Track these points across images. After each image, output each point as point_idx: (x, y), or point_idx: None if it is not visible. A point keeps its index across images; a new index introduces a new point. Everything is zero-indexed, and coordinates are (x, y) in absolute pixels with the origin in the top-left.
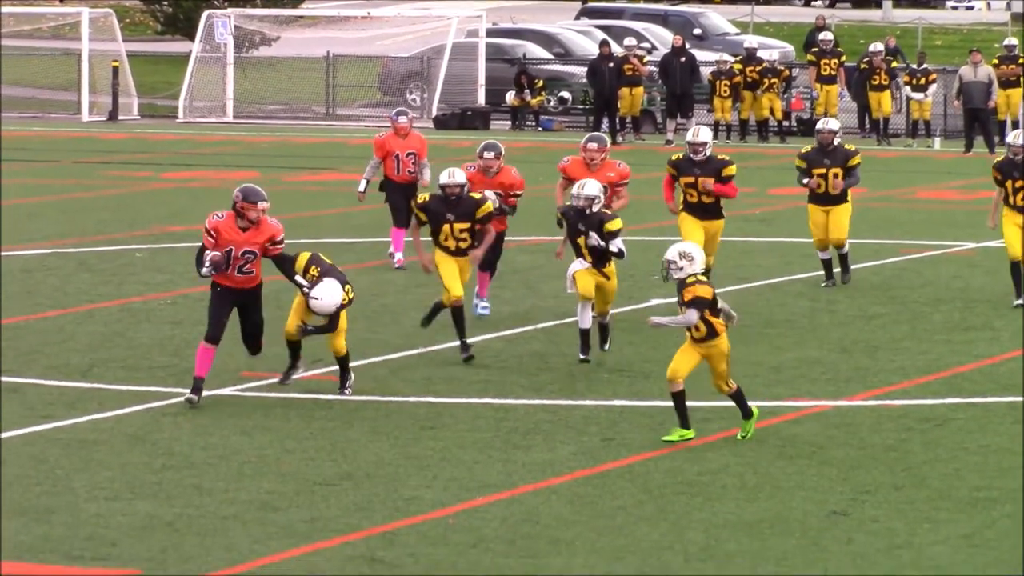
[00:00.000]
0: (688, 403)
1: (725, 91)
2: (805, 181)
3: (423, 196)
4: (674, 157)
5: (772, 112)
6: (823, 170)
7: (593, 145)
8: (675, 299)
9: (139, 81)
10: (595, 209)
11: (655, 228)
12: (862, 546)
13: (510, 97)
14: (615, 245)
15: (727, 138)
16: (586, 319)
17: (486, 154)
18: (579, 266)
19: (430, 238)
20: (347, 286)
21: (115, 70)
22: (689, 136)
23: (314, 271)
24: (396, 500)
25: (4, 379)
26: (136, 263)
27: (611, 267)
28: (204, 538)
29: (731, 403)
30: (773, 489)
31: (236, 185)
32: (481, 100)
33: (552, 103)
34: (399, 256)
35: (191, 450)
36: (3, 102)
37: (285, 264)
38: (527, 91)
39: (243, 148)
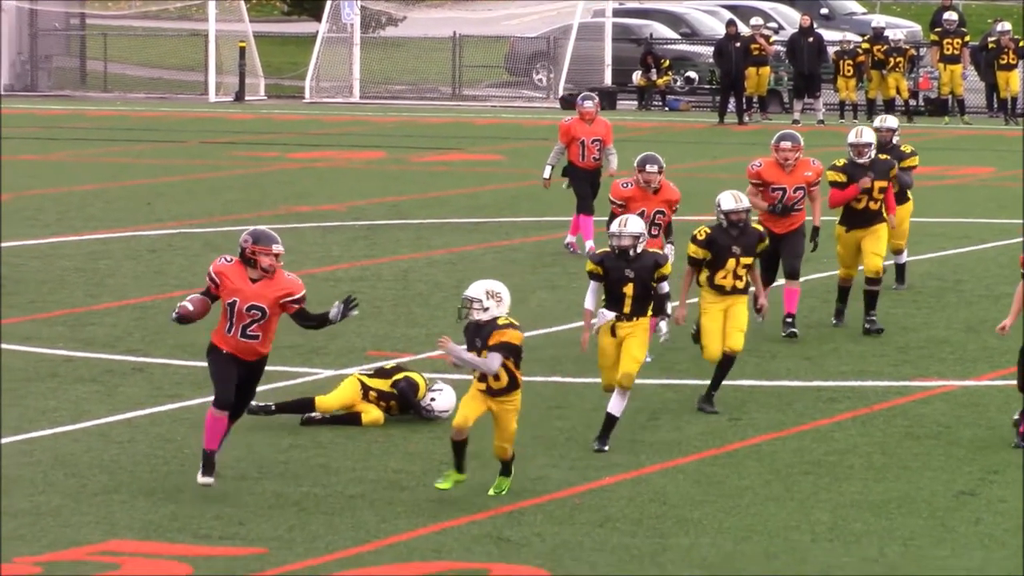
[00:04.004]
0: (813, 382)
1: (849, 71)
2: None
3: (702, 231)
4: (840, 163)
5: (899, 91)
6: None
7: (787, 144)
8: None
9: (266, 62)
10: (639, 249)
11: None
12: (989, 526)
13: (636, 77)
14: (664, 288)
15: (853, 117)
16: (615, 404)
17: (649, 167)
18: (609, 316)
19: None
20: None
21: (242, 51)
22: (851, 137)
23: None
24: (523, 480)
25: (130, 358)
26: None
27: (644, 321)
28: (331, 517)
29: (857, 382)
30: (900, 469)
31: (363, 165)
32: (608, 80)
33: (679, 83)
34: (590, 244)
35: (318, 430)
36: (132, 82)
37: (307, 319)
38: (653, 71)
39: (369, 128)
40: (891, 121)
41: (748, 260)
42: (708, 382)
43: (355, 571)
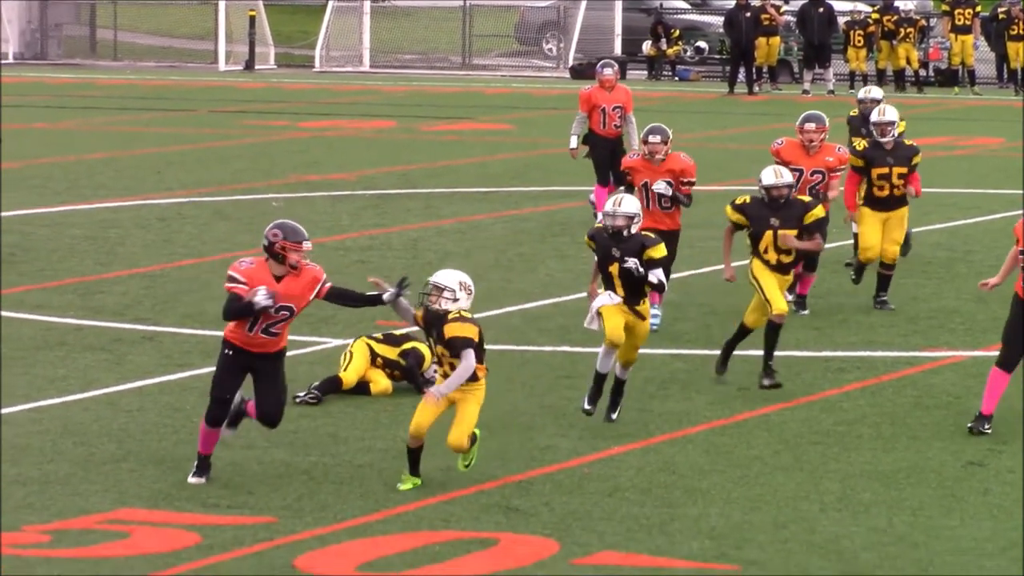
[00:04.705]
0: (822, 353)
1: (859, 41)
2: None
3: (741, 197)
4: (859, 147)
5: (909, 62)
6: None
7: (811, 126)
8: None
9: (276, 30)
10: (634, 230)
11: None
12: (998, 496)
13: (646, 47)
14: (655, 275)
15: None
16: (607, 363)
17: (651, 138)
18: (607, 301)
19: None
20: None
21: (252, 19)
22: (874, 116)
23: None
24: (532, 449)
25: (140, 327)
26: (272, 212)
27: (645, 305)
28: (340, 486)
29: (866, 352)
30: (909, 439)
31: (373, 134)
32: (618, 50)
33: (689, 53)
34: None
35: (327, 399)
36: (142, 51)
37: (348, 298)
38: (663, 41)
39: (379, 97)
40: (875, 92)
41: (791, 232)
42: (718, 352)
43: (364, 540)
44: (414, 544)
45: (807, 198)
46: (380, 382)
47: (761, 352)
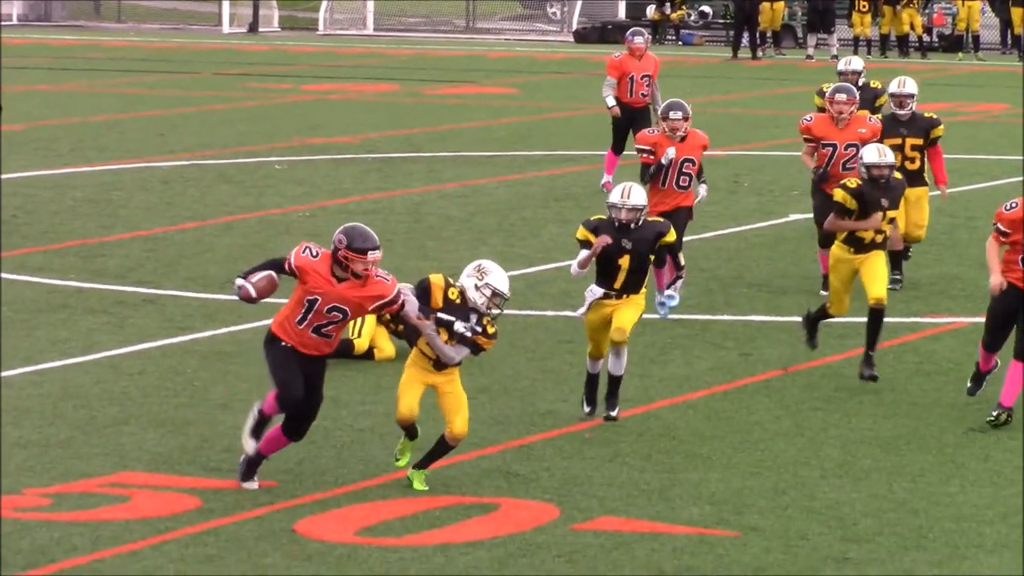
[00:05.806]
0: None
1: (864, 6)
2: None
3: (853, 180)
4: (876, 117)
5: (912, 27)
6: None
7: (842, 97)
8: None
9: None
10: (641, 222)
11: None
12: (998, 463)
13: (651, 11)
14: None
15: (867, 53)
16: (596, 366)
17: (672, 115)
18: (599, 293)
19: None
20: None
21: None
22: (893, 87)
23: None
24: (532, 414)
25: (142, 290)
26: (275, 175)
27: (639, 296)
28: (340, 450)
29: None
30: (910, 406)
31: (376, 97)
32: (622, 14)
33: (693, 17)
34: (607, 178)
35: (330, 363)
36: (145, 13)
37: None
38: (667, 5)
39: (383, 61)
40: (856, 63)
41: (894, 213)
42: (719, 317)
43: (364, 504)
44: (414, 509)
45: (899, 175)
46: (385, 349)
47: (757, 316)
